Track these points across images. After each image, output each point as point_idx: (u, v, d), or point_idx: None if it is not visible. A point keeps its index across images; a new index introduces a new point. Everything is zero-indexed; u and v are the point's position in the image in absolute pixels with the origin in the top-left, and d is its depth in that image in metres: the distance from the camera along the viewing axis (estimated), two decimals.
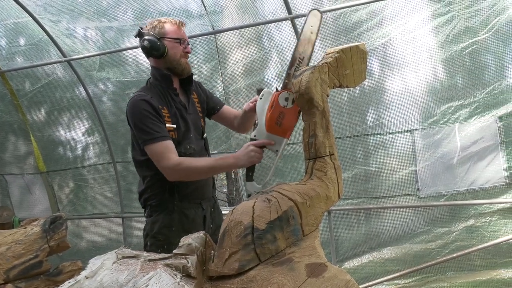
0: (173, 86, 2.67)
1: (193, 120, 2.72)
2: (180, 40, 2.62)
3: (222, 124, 3.08)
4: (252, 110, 2.58)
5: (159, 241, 2.54)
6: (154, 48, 2.57)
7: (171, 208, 2.57)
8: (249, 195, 2.29)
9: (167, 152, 2.45)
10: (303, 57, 2.28)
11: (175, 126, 2.57)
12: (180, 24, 2.66)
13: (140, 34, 2.62)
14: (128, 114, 2.55)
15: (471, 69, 4.16)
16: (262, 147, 2.33)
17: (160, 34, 2.59)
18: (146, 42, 2.56)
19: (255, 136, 2.33)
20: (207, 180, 2.72)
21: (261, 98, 2.31)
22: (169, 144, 2.47)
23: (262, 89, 2.34)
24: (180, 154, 2.53)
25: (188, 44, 2.69)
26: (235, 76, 5.03)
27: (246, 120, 2.80)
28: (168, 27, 2.61)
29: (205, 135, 2.84)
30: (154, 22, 2.65)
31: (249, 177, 2.39)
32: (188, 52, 2.67)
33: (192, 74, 2.74)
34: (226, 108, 2.97)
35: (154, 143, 2.45)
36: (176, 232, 2.51)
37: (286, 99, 2.25)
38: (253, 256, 1.42)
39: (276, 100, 2.26)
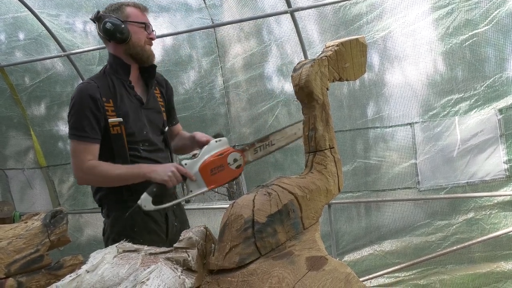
0: (129, 77, 2.50)
1: (149, 115, 2.56)
2: (145, 25, 2.45)
3: None
4: (201, 144, 2.46)
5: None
6: (118, 31, 2.36)
7: (131, 207, 2.37)
8: (136, 207, 2.25)
9: (85, 153, 2.34)
10: (275, 143, 2.40)
11: (121, 119, 2.40)
12: (143, 9, 2.50)
13: (98, 18, 2.41)
14: (71, 99, 2.40)
15: (471, 62, 4.16)
16: (184, 177, 2.30)
17: (122, 17, 2.40)
18: (108, 25, 2.35)
19: (186, 164, 2.31)
20: None
21: (216, 141, 2.36)
22: (92, 147, 2.36)
23: (223, 136, 2.40)
24: (135, 151, 2.44)
25: (153, 30, 2.51)
26: (234, 69, 5.02)
27: (187, 146, 2.72)
28: (131, 10, 2.44)
29: (166, 128, 2.68)
30: (114, 5, 2.45)
31: (151, 191, 2.28)
32: (152, 39, 2.50)
33: (155, 66, 2.56)
34: (177, 126, 2.85)
35: (78, 140, 2.35)
36: (139, 233, 2.41)
37: (235, 160, 2.33)
38: (254, 249, 1.43)
39: (226, 153, 2.32)
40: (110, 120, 2.38)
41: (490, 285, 4.27)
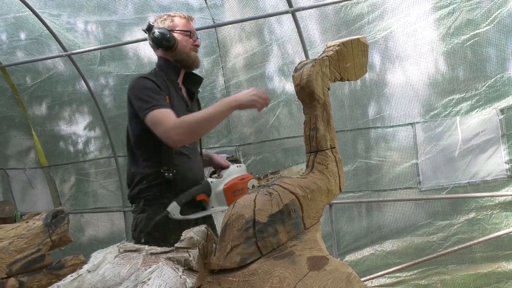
0: (177, 80, 2.67)
1: None
2: (190, 33, 2.66)
3: None
4: (220, 166, 2.71)
5: (155, 238, 2.43)
6: (164, 39, 2.58)
7: (168, 203, 2.43)
8: (165, 213, 2.39)
9: (169, 115, 2.37)
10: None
11: None
12: (189, 18, 2.71)
13: (149, 28, 2.65)
14: (129, 90, 2.50)
15: (472, 62, 4.16)
16: (208, 193, 2.51)
17: (170, 27, 2.62)
18: (156, 33, 2.58)
19: (212, 182, 2.52)
20: (200, 175, 2.66)
21: (237, 166, 2.63)
22: (170, 111, 2.40)
23: (241, 162, 2.71)
24: (176, 152, 2.51)
25: (198, 38, 2.71)
26: (236, 69, 5.02)
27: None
28: (178, 20, 2.65)
29: None
30: (163, 16, 2.68)
31: (180, 200, 2.40)
32: (197, 45, 2.69)
33: (202, 78, 2.77)
34: None
35: (155, 109, 2.38)
36: (173, 230, 2.39)
37: (253, 187, 2.57)
38: (255, 249, 1.42)
39: (247, 179, 2.59)
40: None
41: (491, 285, 4.27)
